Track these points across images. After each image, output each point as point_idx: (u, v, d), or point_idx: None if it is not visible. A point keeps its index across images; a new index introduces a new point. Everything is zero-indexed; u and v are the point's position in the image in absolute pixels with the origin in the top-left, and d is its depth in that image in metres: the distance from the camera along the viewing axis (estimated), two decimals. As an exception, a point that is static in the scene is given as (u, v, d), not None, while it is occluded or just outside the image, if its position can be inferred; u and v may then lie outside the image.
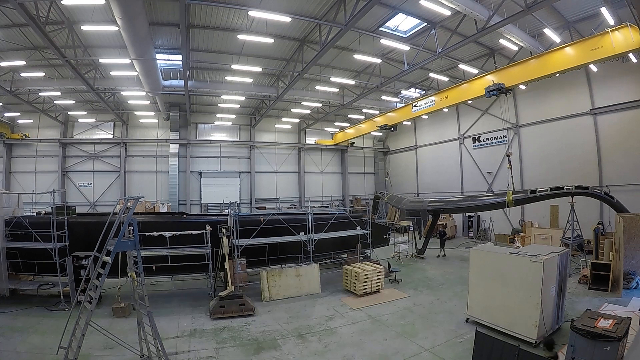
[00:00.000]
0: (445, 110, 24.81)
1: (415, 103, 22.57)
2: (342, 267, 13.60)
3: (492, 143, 24.90)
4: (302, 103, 26.33)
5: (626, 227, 12.16)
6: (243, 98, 24.97)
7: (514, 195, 15.39)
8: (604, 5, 12.97)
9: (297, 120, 32.80)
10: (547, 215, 19.98)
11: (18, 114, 25.57)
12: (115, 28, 13.29)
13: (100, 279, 6.24)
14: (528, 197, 15.23)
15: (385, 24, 16.17)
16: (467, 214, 26.03)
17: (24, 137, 26.18)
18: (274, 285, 12.04)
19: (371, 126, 28.32)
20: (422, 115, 23.40)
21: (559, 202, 19.10)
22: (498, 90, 15.93)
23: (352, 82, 22.02)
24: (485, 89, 16.43)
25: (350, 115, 31.37)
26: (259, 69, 19.06)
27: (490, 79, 16.77)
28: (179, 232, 11.61)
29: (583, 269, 13.39)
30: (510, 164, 16.20)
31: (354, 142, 34.74)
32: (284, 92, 21.03)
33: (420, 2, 12.56)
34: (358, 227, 15.03)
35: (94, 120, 28.03)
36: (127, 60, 16.14)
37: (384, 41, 15.94)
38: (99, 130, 28.31)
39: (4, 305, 10.60)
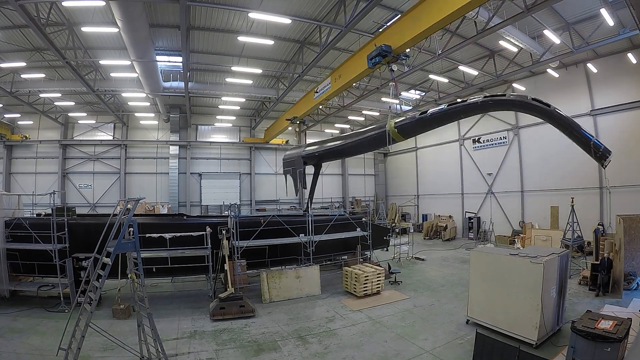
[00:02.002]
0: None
1: (316, 89, 18.54)
2: (342, 268, 13.59)
3: (492, 144, 24.94)
4: (302, 104, 26.32)
5: (626, 228, 12.15)
6: (243, 100, 25.01)
7: (397, 122, 11.21)
8: (603, 7, 12.98)
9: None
10: (548, 217, 19.99)
11: (18, 115, 25.65)
12: (115, 30, 13.36)
13: (100, 280, 6.23)
14: (416, 120, 10.97)
15: (386, 26, 16.17)
16: (467, 216, 26.04)
17: (24, 138, 26.23)
18: (274, 287, 12.02)
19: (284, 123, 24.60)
20: (322, 100, 18.26)
21: (559, 203, 19.15)
22: (382, 56, 11.77)
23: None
24: (367, 57, 12.41)
25: (350, 117, 31.39)
26: (259, 71, 19.10)
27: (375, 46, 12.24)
28: (179, 234, 11.58)
29: (583, 270, 13.38)
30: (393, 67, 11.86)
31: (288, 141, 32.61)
32: (284, 93, 21.05)
33: (420, 3, 12.51)
34: (358, 229, 15.05)
35: (94, 121, 28.09)
36: (128, 62, 16.22)
37: (384, 43, 15.87)
38: (99, 131, 28.36)
39: (4, 307, 10.59)
